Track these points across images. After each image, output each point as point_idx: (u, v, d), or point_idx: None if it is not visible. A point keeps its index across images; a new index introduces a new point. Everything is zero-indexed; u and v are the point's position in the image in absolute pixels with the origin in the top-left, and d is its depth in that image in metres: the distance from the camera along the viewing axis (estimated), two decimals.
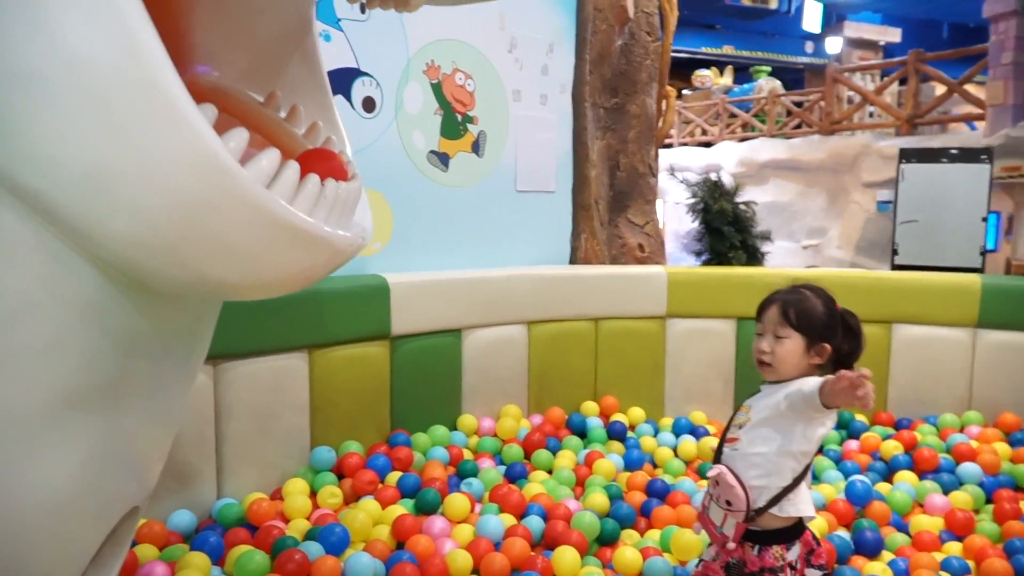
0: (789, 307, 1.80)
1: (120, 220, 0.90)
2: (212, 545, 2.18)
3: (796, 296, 1.83)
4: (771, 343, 1.80)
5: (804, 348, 1.79)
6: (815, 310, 1.80)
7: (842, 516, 2.66)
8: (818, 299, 1.82)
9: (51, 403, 1.01)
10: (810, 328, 1.78)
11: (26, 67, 0.82)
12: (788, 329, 1.78)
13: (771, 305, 1.84)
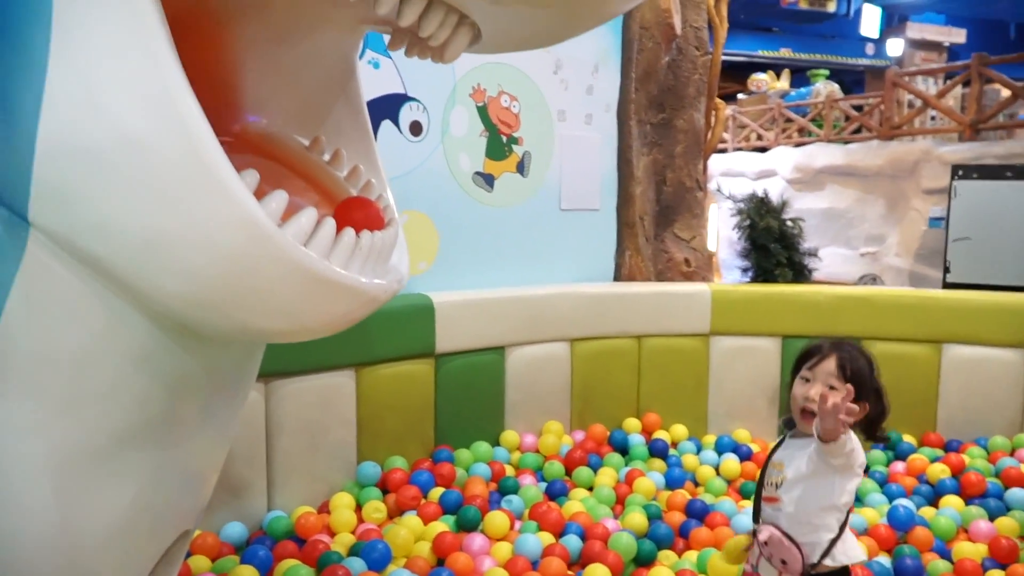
0: (846, 363, 1.81)
1: (172, 280, 0.99)
2: (261, 559, 2.29)
3: (851, 353, 1.85)
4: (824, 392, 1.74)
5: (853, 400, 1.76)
6: (865, 370, 1.83)
7: (884, 541, 2.65)
8: (864, 359, 1.85)
9: (109, 441, 1.11)
10: (861, 385, 1.78)
11: (88, 145, 0.91)
12: (840, 382, 1.78)
13: (827, 357, 1.84)
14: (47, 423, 1.05)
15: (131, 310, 1.04)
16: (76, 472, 1.10)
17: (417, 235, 3.12)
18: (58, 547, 1.13)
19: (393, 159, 3.02)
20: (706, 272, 4.52)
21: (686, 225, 4.48)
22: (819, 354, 1.86)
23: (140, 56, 0.89)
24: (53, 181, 0.91)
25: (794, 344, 3.60)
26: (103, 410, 1.08)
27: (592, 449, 3.29)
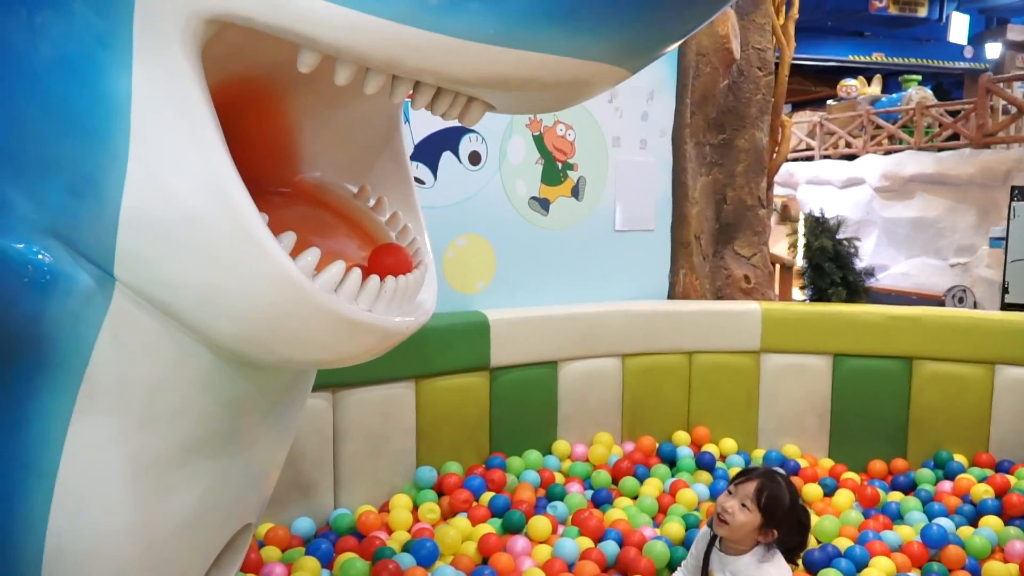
0: (764, 489, 2.08)
1: (224, 323, 1.23)
2: (323, 551, 2.55)
3: (773, 483, 2.10)
4: (735, 508, 2.07)
5: (759, 526, 2.07)
6: (782, 501, 2.08)
7: (916, 559, 2.72)
8: (787, 493, 2.09)
9: (178, 451, 1.36)
10: (771, 514, 2.07)
11: (158, 220, 1.15)
12: (754, 505, 2.06)
13: (751, 481, 2.11)
14: (127, 436, 1.30)
15: (195, 345, 1.28)
16: (151, 476, 1.36)
17: (475, 257, 3.35)
18: (135, 538, 1.39)
19: (453, 187, 3.26)
20: (766, 288, 4.60)
21: (747, 242, 4.57)
22: (746, 476, 2.12)
23: (196, 151, 1.13)
24: (132, 247, 1.16)
25: (846, 363, 3.67)
26: (173, 426, 1.33)
27: (640, 460, 3.44)
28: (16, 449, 1.22)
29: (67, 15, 1.11)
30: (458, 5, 1.08)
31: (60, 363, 1.20)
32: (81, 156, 1.13)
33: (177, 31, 1.09)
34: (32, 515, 1.25)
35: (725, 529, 2.09)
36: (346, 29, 1.08)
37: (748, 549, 2.09)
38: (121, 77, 1.10)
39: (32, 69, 1.12)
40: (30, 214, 1.15)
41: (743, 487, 2.09)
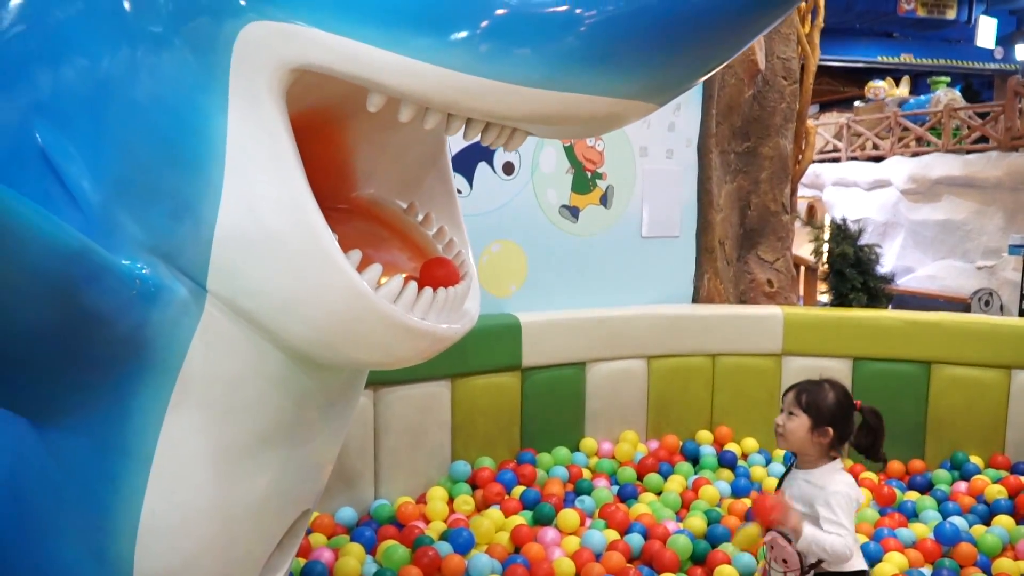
0: (803, 392, 2.18)
1: (299, 328, 1.40)
2: (367, 538, 2.74)
3: (813, 386, 2.20)
4: (784, 418, 2.19)
5: (809, 427, 2.15)
6: (825, 399, 2.16)
7: (928, 555, 2.85)
8: (832, 392, 2.18)
9: (253, 440, 1.53)
10: (816, 412, 2.15)
11: (246, 238, 1.33)
12: (798, 409, 2.16)
13: (792, 390, 2.22)
14: (212, 426, 1.48)
15: (271, 347, 1.46)
16: (230, 462, 1.53)
17: (508, 261, 3.52)
18: (216, 516, 1.56)
19: (488, 195, 3.43)
20: (789, 292, 4.72)
21: (770, 247, 4.70)
22: (789, 390, 2.24)
23: (281, 180, 1.30)
24: (223, 263, 1.34)
25: (865, 366, 3.79)
26: (250, 418, 1.51)
27: (664, 458, 3.59)
28: (119, 438, 1.40)
29: (176, 66, 1.28)
30: (506, 55, 1.24)
31: (159, 363, 1.38)
32: (182, 185, 1.30)
33: (266, 79, 1.27)
34: (131, 494, 1.43)
35: (782, 441, 2.20)
36: (410, 76, 1.25)
37: (819, 460, 2.16)
38: (219, 117, 1.28)
39: (143, 110, 1.30)
40: (137, 235, 1.33)
41: (786, 398, 2.22)
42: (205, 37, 1.29)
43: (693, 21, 1.27)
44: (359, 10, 1.24)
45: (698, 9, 1.26)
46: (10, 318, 1.19)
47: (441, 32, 1.23)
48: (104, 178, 1.33)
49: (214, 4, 1.28)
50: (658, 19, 1.24)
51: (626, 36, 1.24)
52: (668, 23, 1.25)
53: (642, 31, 1.25)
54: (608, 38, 1.24)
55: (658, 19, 1.24)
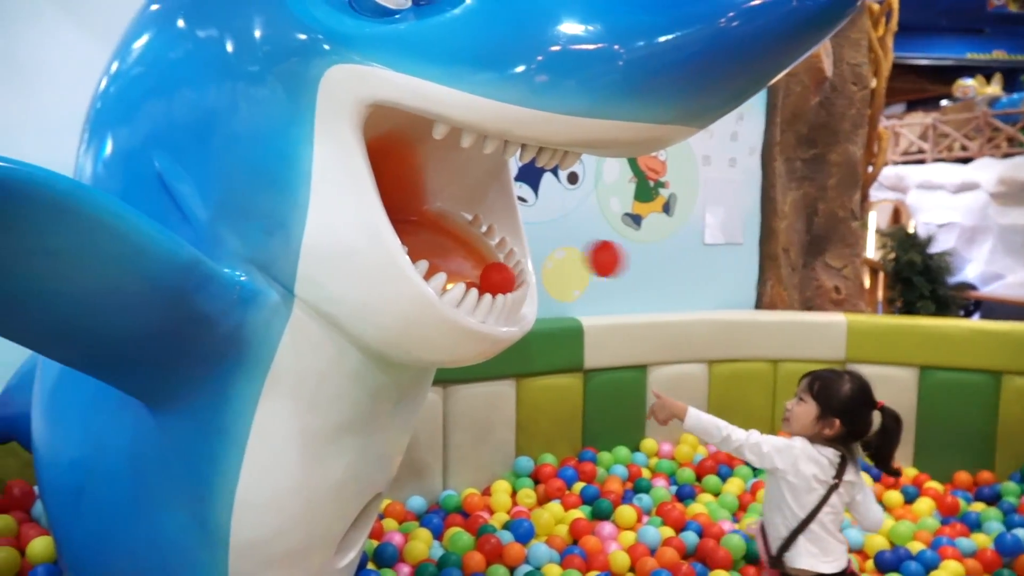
0: (816, 380, 2.21)
1: (372, 330, 1.59)
2: (435, 525, 2.94)
3: (830, 375, 2.21)
4: (793, 403, 2.23)
5: (816, 415, 2.17)
6: (838, 389, 2.18)
7: (988, 565, 2.87)
8: (849, 384, 2.18)
9: (333, 428, 1.73)
10: (826, 401, 2.16)
11: (328, 251, 1.52)
12: (808, 396, 2.19)
13: (808, 376, 2.25)
14: (298, 415, 1.68)
15: (350, 346, 1.65)
16: (313, 447, 1.74)
17: (572, 268, 3.67)
18: (301, 494, 1.77)
19: (553, 204, 3.60)
20: (857, 300, 4.72)
21: (838, 254, 4.71)
22: (805, 376, 2.27)
23: (358, 202, 1.49)
24: (308, 272, 1.54)
25: (932, 375, 3.79)
26: (331, 408, 1.71)
27: (724, 460, 3.68)
28: (220, 421, 1.62)
29: (270, 101, 1.49)
30: (554, 89, 1.39)
31: (254, 358, 1.59)
32: (274, 206, 1.51)
33: (347, 114, 1.46)
34: (229, 472, 1.65)
35: (787, 425, 2.23)
36: (470, 110, 1.42)
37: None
38: (306, 147, 1.48)
39: (242, 140, 1.51)
40: (237, 248, 1.54)
41: (800, 384, 2.24)
42: (295, 77, 1.49)
43: (728, 54, 1.39)
44: (425, 54, 1.42)
45: (732, 43, 1.38)
46: (134, 319, 1.42)
47: (496, 71, 1.39)
48: (210, 199, 1.55)
49: (303, 49, 1.48)
50: (695, 53, 1.37)
51: (664, 69, 1.38)
52: (704, 56, 1.38)
53: (679, 64, 1.38)
54: (646, 71, 1.38)
55: (695, 53, 1.37)
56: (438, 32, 1.43)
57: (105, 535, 1.80)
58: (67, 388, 1.82)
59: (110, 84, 1.76)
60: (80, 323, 1.39)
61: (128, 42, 1.75)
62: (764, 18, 1.37)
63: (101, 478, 1.75)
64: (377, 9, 1.47)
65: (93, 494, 1.78)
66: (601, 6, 1.40)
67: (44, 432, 1.93)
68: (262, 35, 1.53)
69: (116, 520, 1.75)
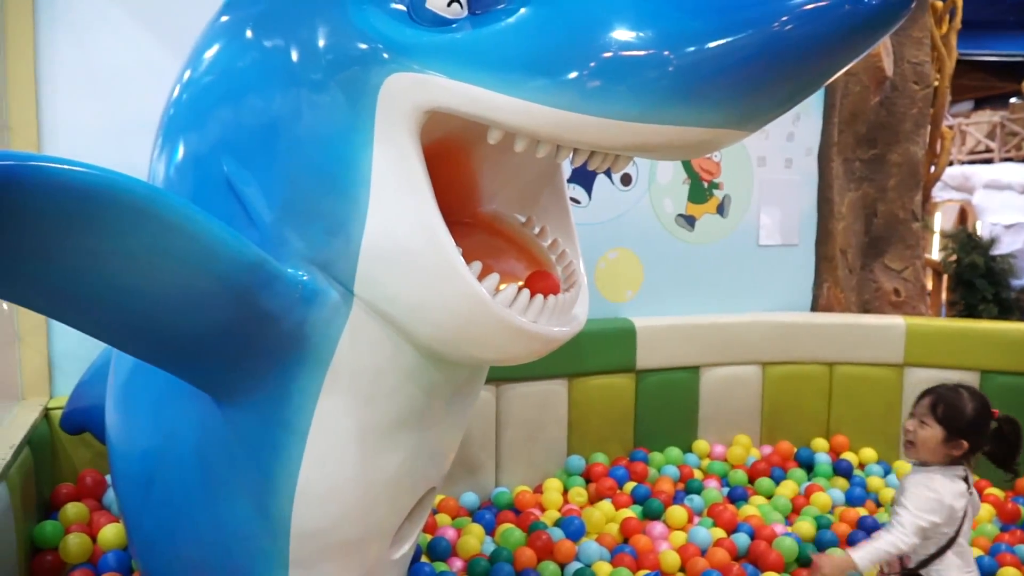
0: (940, 401, 2.15)
1: (428, 328, 1.64)
2: (487, 521, 2.99)
3: (951, 394, 2.16)
4: (915, 426, 2.17)
5: (942, 439, 2.13)
6: (963, 409, 2.13)
7: None
8: (972, 402, 2.14)
9: (389, 424, 1.79)
10: (952, 424, 2.12)
11: (386, 253, 1.58)
12: (932, 419, 2.14)
13: (927, 396, 2.19)
14: (356, 409, 1.74)
15: (406, 343, 1.71)
16: (370, 440, 1.80)
17: (625, 268, 3.69)
18: (357, 485, 1.83)
19: (606, 205, 3.62)
20: (917, 302, 4.64)
21: (898, 256, 4.64)
22: (924, 395, 2.20)
23: (415, 204, 1.54)
24: (367, 272, 1.60)
25: (995, 379, 3.71)
26: (387, 403, 1.77)
27: (777, 463, 3.66)
28: (282, 414, 1.69)
29: (332, 108, 1.55)
30: (606, 95, 1.43)
31: (315, 355, 1.65)
32: (336, 208, 1.57)
33: (405, 119, 1.52)
34: (290, 463, 1.72)
35: (912, 449, 2.18)
36: (523, 115, 1.46)
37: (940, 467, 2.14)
38: (366, 151, 1.54)
39: (306, 145, 1.58)
40: (300, 249, 1.61)
41: (919, 405, 2.18)
42: (357, 85, 1.55)
43: (780, 59, 1.40)
44: (480, 62, 1.47)
45: (784, 48, 1.39)
46: (204, 315, 1.49)
47: (549, 77, 1.43)
48: (275, 201, 1.62)
49: (364, 57, 1.54)
50: (746, 58, 1.39)
51: (715, 74, 1.40)
52: (755, 61, 1.39)
53: (730, 69, 1.40)
54: (697, 76, 1.40)
55: (746, 58, 1.39)
56: (493, 41, 1.47)
57: (174, 522, 1.89)
58: (139, 382, 1.92)
59: (182, 91, 1.85)
60: (155, 318, 1.47)
61: (199, 51, 1.83)
62: (817, 22, 1.38)
63: (171, 467, 1.84)
64: (435, 19, 1.52)
65: (163, 483, 1.87)
66: (652, 12, 1.42)
67: (117, 423, 2.04)
68: (326, 44, 1.59)
69: (184, 508, 1.84)
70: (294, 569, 1.85)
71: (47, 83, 2.74)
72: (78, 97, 2.77)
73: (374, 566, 2.01)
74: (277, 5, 1.71)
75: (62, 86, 2.76)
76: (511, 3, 1.51)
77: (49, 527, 2.47)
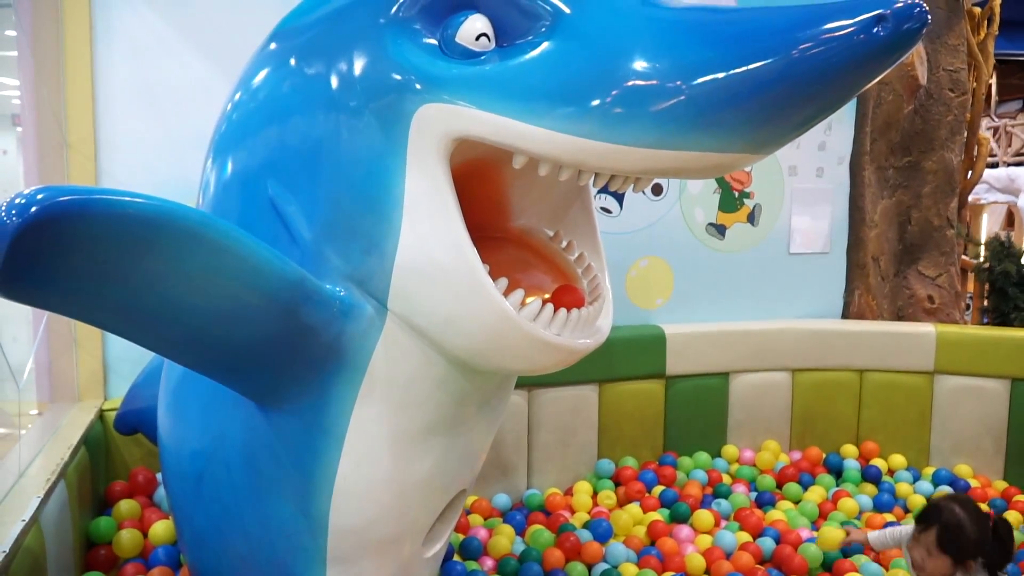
0: (944, 534, 2.16)
1: (458, 341, 1.74)
2: (518, 522, 3.09)
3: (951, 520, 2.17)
4: (923, 557, 2.20)
5: (950, 565, 2.17)
6: (966, 534, 2.15)
7: None
8: (971, 520, 2.16)
9: (421, 429, 1.90)
10: (959, 552, 2.16)
11: (418, 269, 1.69)
12: (938, 551, 2.17)
13: (931, 528, 2.20)
14: (390, 415, 1.85)
15: (436, 354, 1.81)
16: (403, 444, 1.91)
17: (656, 276, 3.77)
18: (392, 486, 1.94)
19: (637, 215, 3.69)
20: (951, 309, 4.62)
21: (932, 263, 4.63)
22: (926, 523, 2.22)
23: (445, 225, 1.64)
24: (400, 288, 1.70)
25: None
26: (419, 410, 1.88)
27: (806, 469, 3.70)
28: (322, 420, 1.81)
29: (369, 134, 1.66)
30: (626, 123, 1.51)
31: (352, 365, 1.77)
32: (372, 228, 1.68)
33: (436, 146, 1.62)
34: (329, 464, 1.83)
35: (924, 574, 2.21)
36: (546, 143, 1.56)
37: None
38: (400, 175, 1.65)
39: (345, 168, 1.69)
40: (339, 266, 1.72)
41: (924, 537, 2.20)
42: (392, 113, 1.65)
43: (792, 88, 1.47)
44: (506, 93, 1.56)
45: (797, 77, 1.46)
46: (251, 329, 1.62)
47: (571, 108, 1.52)
48: (315, 222, 1.74)
49: (399, 87, 1.65)
50: (759, 87, 1.46)
51: (729, 103, 1.48)
52: (768, 90, 1.46)
53: (744, 97, 1.47)
54: (711, 105, 1.48)
55: (759, 87, 1.46)
56: (518, 73, 1.57)
57: (222, 519, 2.02)
58: (189, 387, 2.06)
59: (232, 112, 1.98)
60: (208, 332, 1.60)
61: (248, 77, 1.96)
62: (829, 53, 1.44)
63: (219, 467, 1.97)
64: (464, 52, 1.63)
65: (211, 481, 2.00)
66: (669, 44, 1.51)
67: (168, 425, 2.18)
68: (364, 74, 1.70)
69: (232, 505, 1.97)
70: (333, 565, 1.97)
71: (104, 102, 2.90)
72: (133, 115, 2.93)
73: (408, 563, 2.12)
74: (321, 36, 1.83)
75: (118, 105, 2.92)
76: (537, 36, 1.61)
77: (103, 523, 2.63)
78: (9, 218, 1.17)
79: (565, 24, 1.58)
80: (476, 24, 1.63)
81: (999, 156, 14.62)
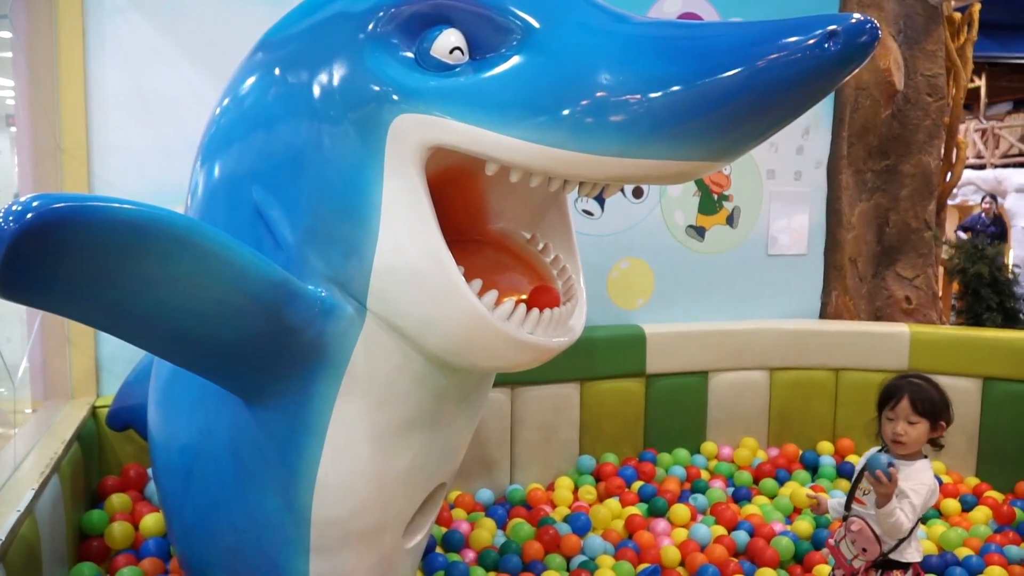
0: (917, 398, 2.31)
1: (434, 340, 1.82)
2: (499, 515, 3.18)
3: (925, 390, 2.33)
4: (905, 428, 2.32)
5: (927, 430, 2.32)
6: (935, 397, 2.32)
7: None
8: (931, 385, 2.34)
9: (401, 424, 1.98)
10: (933, 415, 2.32)
11: (395, 271, 1.77)
12: (917, 416, 2.31)
13: (901, 398, 2.33)
14: (370, 411, 1.94)
15: (415, 352, 1.89)
16: (383, 439, 1.99)
17: (636, 277, 3.86)
18: (373, 480, 2.02)
19: (618, 217, 3.79)
20: (928, 310, 4.73)
21: (910, 264, 4.73)
22: (896, 396, 2.35)
23: (421, 230, 1.72)
24: (379, 289, 1.79)
25: (997, 386, 3.81)
26: (399, 406, 1.96)
27: (783, 465, 3.79)
28: (304, 415, 1.89)
29: (349, 143, 1.74)
30: (591, 133, 1.60)
31: (333, 363, 1.85)
32: (351, 233, 1.76)
33: (412, 155, 1.71)
34: (311, 459, 1.92)
35: (902, 448, 2.33)
36: (516, 152, 1.64)
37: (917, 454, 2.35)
38: (378, 183, 1.73)
39: (326, 176, 1.77)
40: (320, 269, 1.81)
41: (899, 407, 2.33)
42: (370, 123, 1.74)
43: (749, 101, 1.56)
44: (479, 104, 1.65)
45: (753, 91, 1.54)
46: (236, 329, 1.70)
47: (539, 118, 1.61)
48: (298, 227, 1.82)
49: (376, 98, 1.73)
50: (717, 100, 1.55)
51: (688, 114, 1.56)
52: (726, 103, 1.55)
53: (703, 109, 1.55)
54: (669, 117, 1.56)
55: (717, 100, 1.55)
56: (490, 86, 1.65)
57: (210, 511, 2.10)
58: (178, 385, 2.14)
59: (219, 119, 2.07)
60: (195, 331, 1.68)
61: (235, 84, 2.04)
62: (784, 68, 1.53)
63: (207, 462, 2.05)
64: (439, 65, 1.71)
65: (200, 476, 2.09)
66: (631, 59, 1.59)
67: (158, 421, 2.26)
68: (343, 85, 1.78)
69: (220, 498, 2.06)
70: (317, 555, 2.05)
71: (97, 108, 2.98)
72: (126, 121, 3.01)
73: (389, 554, 2.21)
74: (305, 48, 1.91)
75: (111, 111, 3.00)
76: (508, 50, 1.69)
77: (96, 516, 2.70)
78: (7, 224, 1.26)
79: (535, 39, 1.67)
80: (450, 38, 1.71)
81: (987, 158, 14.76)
